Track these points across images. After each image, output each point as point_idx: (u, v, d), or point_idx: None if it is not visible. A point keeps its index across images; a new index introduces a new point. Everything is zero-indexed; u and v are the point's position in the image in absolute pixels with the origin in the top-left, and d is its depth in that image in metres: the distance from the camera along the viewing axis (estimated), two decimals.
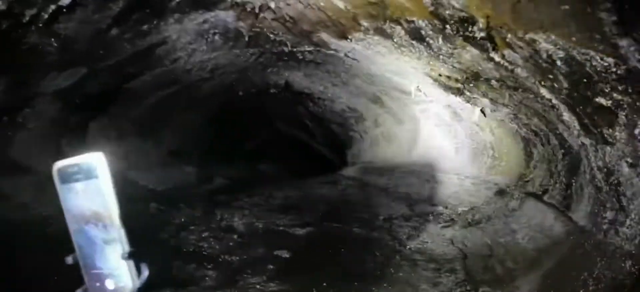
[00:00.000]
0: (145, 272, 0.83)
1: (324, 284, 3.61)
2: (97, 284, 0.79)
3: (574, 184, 4.10)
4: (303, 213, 6.54)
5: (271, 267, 3.95)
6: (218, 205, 6.74)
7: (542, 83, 3.01)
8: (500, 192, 6.22)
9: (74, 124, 5.71)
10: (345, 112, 10.48)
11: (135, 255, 0.79)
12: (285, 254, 4.35)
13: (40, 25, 3.30)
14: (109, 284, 0.78)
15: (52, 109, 4.98)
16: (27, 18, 3.08)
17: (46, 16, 3.27)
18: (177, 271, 3.65)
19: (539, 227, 4.75)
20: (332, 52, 5.96)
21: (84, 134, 6.09)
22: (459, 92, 5.42)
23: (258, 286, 3.48)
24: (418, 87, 6.05)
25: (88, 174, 0.74)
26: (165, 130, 8.26)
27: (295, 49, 6.13)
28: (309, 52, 6.29)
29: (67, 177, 0.75)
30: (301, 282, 3.61)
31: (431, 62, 4.57)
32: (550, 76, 2.77)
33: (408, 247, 4.86)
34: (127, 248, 0.79)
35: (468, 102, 5.73)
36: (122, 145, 7.02)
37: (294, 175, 15.21)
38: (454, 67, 4.29)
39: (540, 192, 5.22)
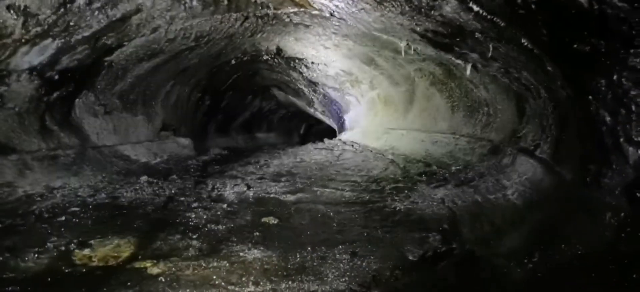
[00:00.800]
0: None
1: (308, 248, 3.59)
2: None
3: (562, 137, 3.99)
4: (296, 179, 6.52)
5: (257, 234, 3.93)
6: (211, 175, 6.74)
7: (523, 31, 2.86)
8: (494, 149, 6.12)
9: (57, 101, 5.63)
10: (340, 76, 10.31)
11: None
12: (272, 220, 4.34)
13: None
14: None
15: (29, 87, 4.89)
16: None
17: None
18: (160, 242, 3.64)
19: (529, 182, 4.66)
20: (317, 12, 5.78)
21: (69, 111, 6.02)
22: (448, 48, 5.26)
23: (241, 254, 3.46)
24: (408, 44, 5.87)
25: None
26: (155, 103, 8.16)
27: (279, 11, 5.95)
28: (294, 13, 6.09)
29: None
30: (285, 248, 3.59)
31: (415, 17, 4.40)
32: (529, 23, 2.62)
33: (397, 208, 4.82)
34: None
35: (459, 58, 5.57)
36: (111, 120, 6.96)
37: (292, 142, 15.19)
38: (437, 21, 4.12)
39: (532, 148, 5.11)
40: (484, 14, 3.11)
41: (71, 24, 4.34)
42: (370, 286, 2.95)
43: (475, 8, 3.09)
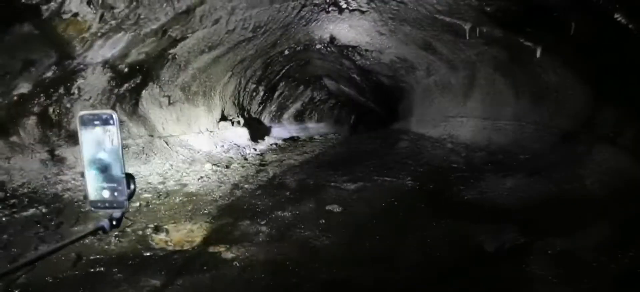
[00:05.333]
0: (133, 186, 1.06)
1: (377, 237, 3.52)
2: (96, 193, 1.04)
3: None
4: (354, 168, 6.45)
5: (322, 221, 3.92)
6: (270, 164, 6.82)
7: (617, 5, 2.60)
8: (566, 137, 5.73)
9: (126, 93, 5.89)
10: (394, 63, 10.06)
11: (129, 176, 1.04)
12: (336, 208, 4.30)
13: None
14: (105, 193, 1.04)
15: (103, 79, 5.13)
16: None
17: None
18: (231, 228, 3.71)
19: (612, 171, 4.32)
20: None
21: (137, 103, 6.27)
22: (518, 29, 4.97)
23: (310, 240, 3.46)
24: (473, 26, 5.60)
25: (105, 122, 1.02)
26: (214, 94, 8.37)
27: None
28: None
29: (88, 122, 1.03)
30: (352, 235, 3.55)
31: None
32: None
33: (466, 197, 4.64)
34: (123, 170, 1.03)
35: (529, 40, 5.24)
36: (174, 111, 7.20)
37: (344, 131, 15.11)
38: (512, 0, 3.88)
39: (613, 134, 4.73)
40: None
41: (141, 16, 4.49)
42: (448, 277, 2.84)
43: None
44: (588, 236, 3.37)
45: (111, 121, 1.03)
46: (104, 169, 1.05)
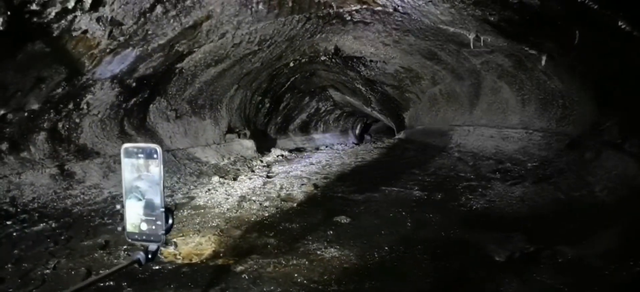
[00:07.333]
0: (171, 221, 1.06)
1: (386, 248, 3.51)
2: (134, 225, 1.06)
3: None
4: (360, 178, 6.46)
5: (330, 232, 3.92)
6: (277, 175, 6.84)
7: (621, 13, 2.62)
8: (573, 144, 5.71)
9: (134, 108, 5.96)
10: (399, 73, 10.11)
11: (167, 209, 1.05)
12: (344, 219, 4.30)
13: (86, 10, 3.37)
14: (143, 226, 1.05)
15: (111, 94, 5.20)
16: (72, 3, 3.15)
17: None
18: (239, 240, 3.72)
19: (620, 178, 4.29)
20: (380, 8, 5.68)
21: (145, 117, 6.34)
22: (522, 37, 4.98)
23: (318, 252, 3.46)
24: (477, 35, 5.62)
25: (149, 156, 1.04)
26: (221, 107, 8.44)
27: (341, 9, 5.91)
28: (356, 11, 6.04)
29: (132, 154, 1.05)
30: (361, 247, 3.54)
31: (490, 5, 4.19)
32: (632, 4, 2.39)
33: (474, 207, 4.62)
34: (162, 204, 1.04)
35: (533, 48, 5.25)
36: (182, 125, 7.27)
37: (349, 142, 15.12)
38: (515, 8, 3.89)
39: (620, 141, 4.70)
40: None
41: (149, 32, 4.57)
42: (459, 287, 2.83)
43: None
44: (597, 243, 3.35)
45: (155, 155, 1.04)
46: (143, 202, 1.05)
